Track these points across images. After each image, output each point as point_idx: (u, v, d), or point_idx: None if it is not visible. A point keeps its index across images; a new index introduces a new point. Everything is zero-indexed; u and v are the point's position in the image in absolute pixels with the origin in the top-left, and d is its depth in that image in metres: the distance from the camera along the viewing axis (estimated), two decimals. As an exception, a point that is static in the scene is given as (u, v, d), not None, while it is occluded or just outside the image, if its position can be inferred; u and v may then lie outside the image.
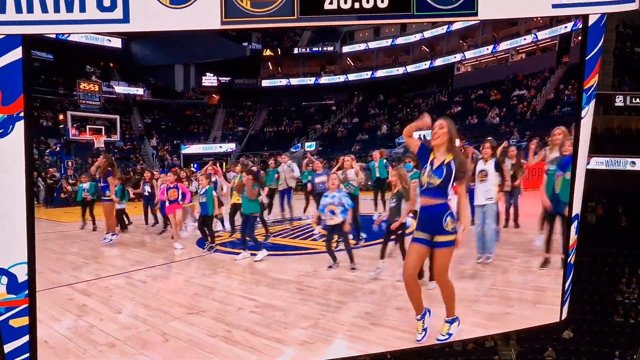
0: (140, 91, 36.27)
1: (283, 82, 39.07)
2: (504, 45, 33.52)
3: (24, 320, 8.23)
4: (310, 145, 36.21)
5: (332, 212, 13.90)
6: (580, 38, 9.49)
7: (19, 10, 7.31)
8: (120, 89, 35.85)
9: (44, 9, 7.36)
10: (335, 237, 14.62)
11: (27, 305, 8.18)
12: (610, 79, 28.27)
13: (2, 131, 7.53)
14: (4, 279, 7.99)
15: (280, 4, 7.79)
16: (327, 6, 7.91)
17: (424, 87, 36.99)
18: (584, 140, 9.91)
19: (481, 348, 25.64)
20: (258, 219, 16.82)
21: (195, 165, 34.41)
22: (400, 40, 38.14)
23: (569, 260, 10.64)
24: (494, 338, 24.55)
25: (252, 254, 15.21)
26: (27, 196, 7.80)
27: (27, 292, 8.14)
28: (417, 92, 37.11)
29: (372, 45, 39.00)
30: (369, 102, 38.43)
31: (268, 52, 39.11)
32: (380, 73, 38.18)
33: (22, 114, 7.56)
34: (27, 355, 8.33)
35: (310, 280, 13.56)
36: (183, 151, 35.47)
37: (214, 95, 38.94)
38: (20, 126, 7.58)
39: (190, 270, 15.11)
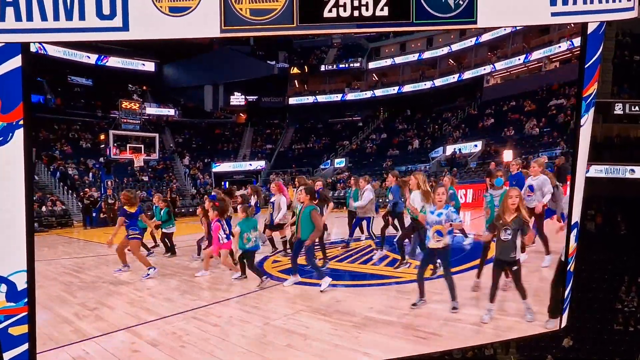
0: (171, 112, 37.09)
1: (310, 99, 39.26)
2: (536, 55, 33.14)
3: (23, 329, 8.22)
4: (340, 162, 36.52)
5: (439, 233, 11.49)
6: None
7: (18, 18, 7.30)
8: (153, 110, 36.52)
9: (44, 17, 7.35)
10: (430, 264, 12.52)
11: (26, 313, 8.17)
12: (610, 87, 28.31)
13: (2, 139, 7.52)
14: (3, 287, 7.98)
15: (279, 12, 7.80)
16: (326, 14, 7.90)
17: (452, 100, 36.97)
18: (584, 148, 9.91)
19: (481, 356, 25.62)
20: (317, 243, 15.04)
21: (224, 184, 34.64)
22: (427, 54, 38.12)
23: (568, 268, 10.63)
24: (493, 346, 24.55)
25: (309, 282, 13.77)
26: (27, 204, 7.78)
27: (26, 300, 8.13)
28: (445, 105, 37.03)
29: (399, 60, 39.04)
30: (396, 118, 38.45)
31: (295, 70, 39.44)
32: (407, 88, 38.16)
33: (21, 122, 7.55)
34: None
35: (413, 320, 11.33)
36: (214, 169, 35.73)
37: (241, 114, 39.23)
38: (19, 134, 7.57)
39: (266, 308, 12.50)
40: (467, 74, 36.04)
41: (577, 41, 30.32)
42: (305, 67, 39.67)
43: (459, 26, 8.49)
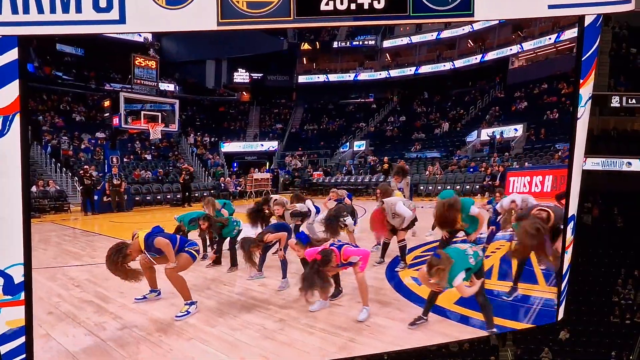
0: (170, 87, 34.53)
1: (321, 78, 38.35)
2: (569, 34, 31.49)
3: (20, 322, 8.22)
4: (359, 145, 35.55)
5: None
6: None
7: (15, 11, 7.30)
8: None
9: (40, 10, 7.34)
10: None
11: (23, 306, 8.18)
12: (607, 80, 28.29)
13: (-2, 132, 7.54)
14: (0, 280, 7.99)
15: (276, 5, 7.79)
16: (323, 7, 7.90)
17: (473, 83, 36.32)
18: (580, 140, 9.91)
19: (478, 348, 25.66)
20: None
21: (234, 164, 34.03)
22: (445, 34, 37.24)
23: (565, 261, 10.64)
24: (490, 339, 24.58)
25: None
26: (24, 197, 7.78)
27: (23, 293, 8.13)
28: (465, 88, 36.39)
29: (415, 39, 38.12)
30: (412, 100, 37.59)
31: (306, 46, 38.59)
32: (425, 69, 37.31)
33: (17, 115, 7.55)
34: (24, 356, 8.33)
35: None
36: (223, 149, 34.60)
37: (244, 93, 38.20)
38: (16, 127, 7.56)
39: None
40: (491, 55, 35.29)
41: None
42: (317, 43, 38.84)
43: (456, 19, 8.50)
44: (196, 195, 28.25)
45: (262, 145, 35.73)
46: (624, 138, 29.31)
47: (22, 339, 8.29)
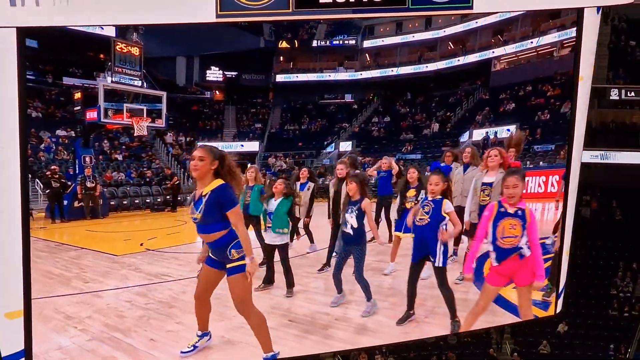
0: (137, 83, 29.03)
1: (299, 77, 37.77)
2: (549, 38, 32.32)
3: (19, 314, 8.20)
4: (345, 146, 35.09)
5: None
6: None
7: (12, 2, 7.28)
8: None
9: (37, 2, 7.33)
10: None
11: (21, 301, 8.16)
12: (605, 72, 28.28)
13: (-4, 127, 7.51)
14: (-1, 273, 7.98)
15: (275, -4, 7.78)
16: (322, -1, 7.90)
17: (455, 85, 36.08)
18: (579, 133, 9.91)
19: (477, 341, 25.69)
20: None
21: None
22: (426, 35, 37.19)
23: (563, 254, 10.64)
24: (488, 331, 24.59)
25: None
26: (22, 197, 7.75)
27: (22, 297, 8.13)
28: (448, 90, 36.18)
29: (396, 40, 37.87)
30: (394, 101, 37.34)
31: (284, 44, 37.87)
32: (407, 70, 37.06)
33: (17, 111, 7.54)
34: (22, 348, 8.31)
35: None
36: None
37: (217, 92, 37.33)
38: (14, 123, 7.55)
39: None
40: (473, 57, 35.26)
41: None
42: (295, 41, 38.16)
43: (454, 12, 8.48)
44: (178, 199, 26.76)
45: (242, 145, 35.17)
46: (622, 131, 29.29)
47: (21, 331, 8.28)
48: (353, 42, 38.11)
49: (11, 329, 8.16)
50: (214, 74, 36.61)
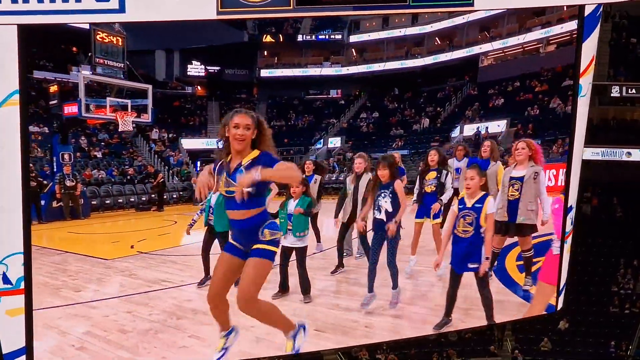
0: (120, 76, 26.82)
1: (285, 72, 36.80)
2: (535, 35, 32.12)
3: (20, 311, 8.22)
4: (334, 141, 34.50)
5: None
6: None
7: (14, 0, 7.29)
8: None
9: (40, -1, 7.34)
10: None
11: (23, 295, 8.18)
12: (606, 70, 28.28)
13: (-3, 123, 7.52)
14: (0, 269, 7.99)
15: (276, -7, 7.77)
16: (323, -4, 7.89)
17: (443, 80, 35.50)
18: (580, 130, 9.91)
19: (478, 338, 25.69)
20: None
21: (196, 163, 30.48)
22: (413, 31, 36.54)
23: (564, 251, 10.65)
24: (489, 328, 24.60)
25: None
26: (23, 186, 7.77)
27: (22, 282, 8.13)
28: (436, 85, 35.63)
29: (383, 35, 37.14)
30: (382, 96, 36.63)
31: (268, 39, 36.54)
32: (394, 65, 36.39)
33: (17, 107, 7.55)
34: (23, 345, 8.33)
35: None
36: (184, 146, 31.77)
37: (199, 87, 35.78)
38: (15, 116, 7.57)
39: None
40: (461, 53, 34.79)
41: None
42: (280, 36, 36.92)
43: (455, 8, 8.52)
44: (164, 197, 25.05)
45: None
46: (623, 128, 29.30)
47: (22, 328, 8.29)
48: (339, 36, 37.17)
49: (12, 327, 8.18)
50: (196, 69, 35.43)
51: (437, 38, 36.01)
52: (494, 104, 32.39)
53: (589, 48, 9.50)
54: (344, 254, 12.83)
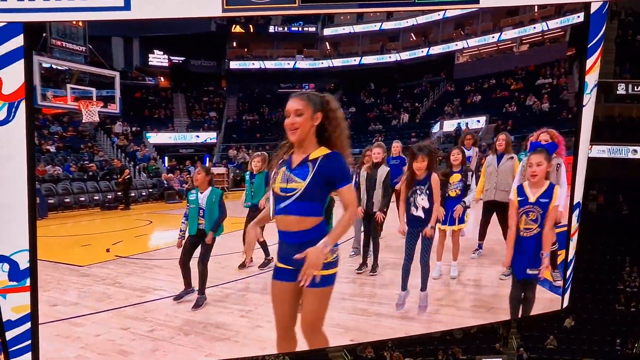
0: (80, 61, 25.52)
1: (256, 64, 35.64)
2: (510, 34, 32.12)
3: (26, 308, 8.24)
4: None
5: None
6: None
7: (20, -3, 7.32)
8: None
9: (45, -4, 7.35)
10: None
11: (28, 292, 8.19)
12: (612, 67, 28.25)
13: (4, 119, 7.53)
14: (6, 266, 7.99)
15: (282, -9, 7.76)
16: (329, -7, 7.88)
17: (419, 76, 35.20)
18: (586, 128, 9.90)
19: (483, 335, 25.69)
20: None
21: (164, 159, 29.07)
22: (389, 25, 36.09)
23: (570, 248, 10.64)
24: (494, 326, 24.61)
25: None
26: (29, 184, 7.79)
27: (28, 279, 8.15)
28: (412, 81, 35.20)
29: (358, 29, 36.63)
30: (358, 91, 36.00)
31: (237, 29, 35.37)
32: (370, 60, 36.04)
33: (23, 102, 7.57)
34: (29, 342, 8.34)
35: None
36: (149, 140, 30.01)
37: (161, 78, 33.94)
38: (21, 114, 7.58)
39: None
40: (437, 49, 34.67)
41: (551, 24, 30.37)
42: (250, 26, 35.79)
43: (460, 6, 8.47)
44: (132, 195, 23.44)
45: (197, 136, 31.85)
46: (629, 125, 29.27)
47: (28, 325, 8.31)
48: (313, 29, 36.44)
49: (18, 324, 8.20)
50: (158, 59, 33.60)
51: (412, 34, 35.78)
52: (472, 101, 32.39)
53: (595, 45, 9.49)
54: (352, 253, 12.52)
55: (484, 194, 12.10)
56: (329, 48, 37.01)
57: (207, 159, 30.46)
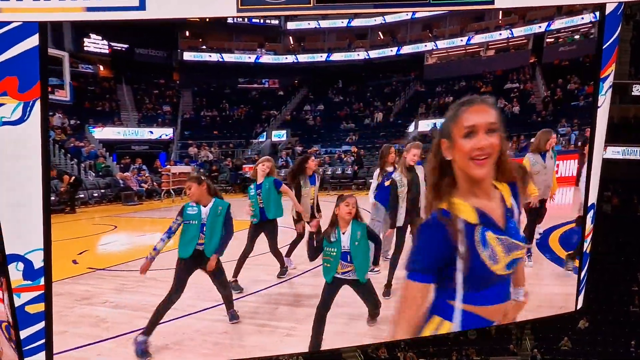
0: None
1: (213, 57, 32.89)
2: (477, 39, 32.03)
3: (40, 307, 8.26)
4: (279, 135, 31.57)
5: None
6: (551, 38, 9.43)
7: (36, -3, 7.34)
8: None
9: (60, -5, 7.37)
10: None
11: (43, 291, 8.22)
12: (627, 68, 28.17)
13: (19, 118, 7.55)
14: (20, 265, 8.02)
15: (296, -9, 7.75)
16: (343, -7, 7.87)
17: (388, 75, 33.96)
18: (601, 129, 9.89)
19: (497, 336, 25.67)
20: None
21: (114, 156, 26.23)
22: (357, 23, 34.17)
23: (584, 249, 10.63)
24: (508, 327, 24.57)
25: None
26: (44, 183, 7.81)
27: (42, 278, 8.17)
28: (382, 80, 34.00)
29: (324, 24, 33.86)
30: (326, 88, 34.21)
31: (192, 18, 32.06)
32: (337, 57, 33.72)
33: (38, 101, 7.59)
34: (43, 341, 8.37)
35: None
36: (94, 135, 26.79)
37: (101, 66, 30.04)
38: (36, 113, 7.60)
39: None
40: (407, 49, 33.36)
41: (516, 31, 30.53)
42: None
43: (475, 7, 8.45)
44: (82, 196, 20.66)
45: (151, 132, 28.99)
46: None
47: (42, 324, 8.33)
48: (276, 22, 34.06)
49: (32, 322, 8.23)
50: (96, 45, 29.48)
51: (380, 32, 35.30)
52: (444, 102, 32.26)
53: (610, 47, 9.47)
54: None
55: (539, 193, 12.14)
56: (292, 42, 35.06)
57: (165, 156, 28.17)
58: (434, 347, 24.82)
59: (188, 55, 31.82)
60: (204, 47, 32.70)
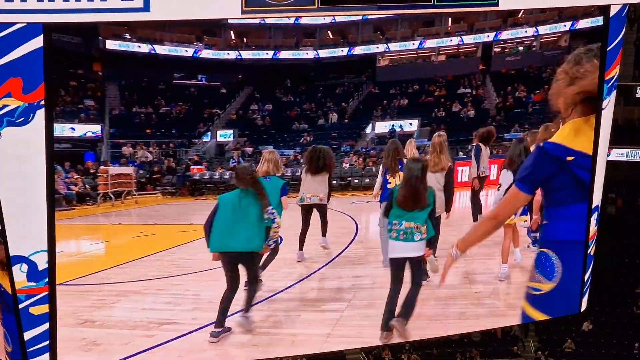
0: None
1: (143, 48, 30.09)
2: (428, 43, 31.67)
3: (44, 308, 8.26)
4: (225, 135, 30.32)
5: None
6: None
7: (40, -2, 7.35)
8: None
9: (65, -2, 7.37)
10: None
11: (47, 293, 8.23)
12: (631, 70, 28.17)
13: (23, 119, 7.55)
14: (24, 267, 8.02)
15: (301, -8, 7.75)
16: (348, -5, 7.87)
17: (339, 76, 33.13)
18: (605, 131, 9.87)
19: (500, 338, 25.68)
20: None
21: None
22: (305, 20, 31.57)
23: (588, 251, 10.61)
24: (512, 329, 24.60)
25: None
26: (48, 185, 7.82)
27: (47, 280, 8.18)
28: (333, 80, 33.17)
29: (269, 20, 30.95)
30: (274, 87, 32.94)
31: None
32: (285, 55, 32.60)
33: (42, 103, 7.59)
34: (47, 342, 8.37)
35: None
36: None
37: None
38: (40, 115, 7.60)
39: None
40: (359, 50, 32.90)
41: (466, 39, 30.64)
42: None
43: (479, 8, 8.45)
44: None
45: (72, 129, 25.76)
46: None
47: (46, 326, 8.34)
48: None
49: (36, 324, 8.24)
50: None
51: (329, 32, 34.69)
52: (399, 104, 32.10)
53: (614, 49, 9.46)
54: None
55: None
56: (234, 38, 33.22)
57: (93, 156, 25.22)
58: (437, 350, 24.84)
59: (112, 44, 28.85)
60: (129, 35, 29.59)
